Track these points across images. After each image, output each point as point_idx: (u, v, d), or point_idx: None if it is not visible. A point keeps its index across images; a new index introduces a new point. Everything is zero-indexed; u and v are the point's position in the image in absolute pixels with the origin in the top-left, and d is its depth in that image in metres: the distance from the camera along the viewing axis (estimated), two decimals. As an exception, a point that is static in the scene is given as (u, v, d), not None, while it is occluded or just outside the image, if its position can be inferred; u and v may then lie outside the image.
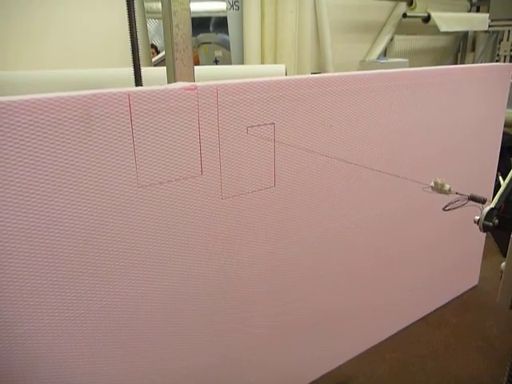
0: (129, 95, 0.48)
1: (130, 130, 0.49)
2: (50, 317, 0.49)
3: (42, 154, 0.44)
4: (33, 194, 0.45)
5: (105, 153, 0.48)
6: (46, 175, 0.45)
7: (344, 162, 0.70)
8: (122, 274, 0.53)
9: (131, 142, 0.49)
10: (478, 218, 0.50)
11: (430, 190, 0.52)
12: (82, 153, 0.46)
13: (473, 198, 0.49)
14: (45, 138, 0.44)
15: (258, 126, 0.59)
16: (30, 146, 0.43)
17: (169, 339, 0.60)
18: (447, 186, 0.51)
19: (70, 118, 0.45)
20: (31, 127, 0.43)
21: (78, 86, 0.99)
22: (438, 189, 0.51)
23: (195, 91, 0.52)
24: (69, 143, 0.45)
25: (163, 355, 0.60)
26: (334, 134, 0.68)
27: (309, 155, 0.66)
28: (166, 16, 0.65)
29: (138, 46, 0.78)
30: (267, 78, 0.58)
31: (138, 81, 0.73)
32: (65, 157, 0.46)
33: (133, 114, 0.49)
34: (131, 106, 0.48)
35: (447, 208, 0.51)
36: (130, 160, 0.50)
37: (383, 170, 0.77)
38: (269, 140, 0.60)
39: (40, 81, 0.99)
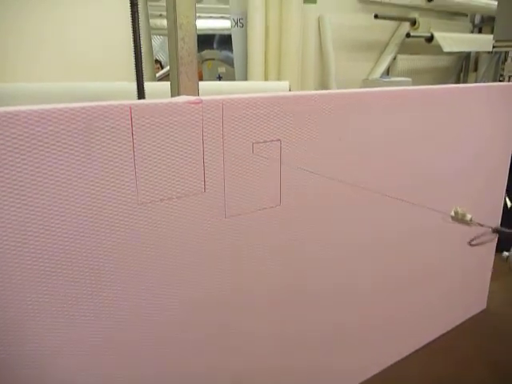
0: (131, 108, 0.45)
1: (131, 144, 0.47)
2: (47, 340, 0.46)
3: (37, 167, 0.42)
4: (27, 208, 0.42)
5: (104, 167, 0.46)
6: (43, 189, 0.43)
7: (356, 186, 0.68)
8: (118, 298, 0.50)
9: (132, 156, 0.47)
10: (507, 254, 0.47)
11: (449, 219, 0.49)
12: (79, 167, 0.44)
13: (498, 231, 0.47)
14: (41, 150, 0.42)
15: (264, 142, 0.57)
16: (25, 160, 0.41)
17: (160, 369, 0.57)
18: (469, 216, 0.48)
19: (69, 131, 0.43)
20: (27, 139, 0.41)
21: (78, 98, 0.97)
22: (459, 219, 0.48)
23: (200, 105, 0.50)
24: (66, 157, 0.43)
25: None
26: (342, 152, 0.66)
27: (316, 174, 0.63)
28: (172, 29, 0.63)
29: (141, 60, 0.77)
30: (274, 93, 0.56)
31: (141, 95, 0.71)
32: (61, 171, 0.43)
33: (134, 128, 0.46)
34: (133, 120, 0.46)
35: (473, 243, 0.48)
36: (129, 176, 0.48)
37: (390, 189, 0.75)
38: (274, 160, 0.58)
39: (40, 93, 0.98)
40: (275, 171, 0.59)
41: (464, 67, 2.54)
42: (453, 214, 0.48)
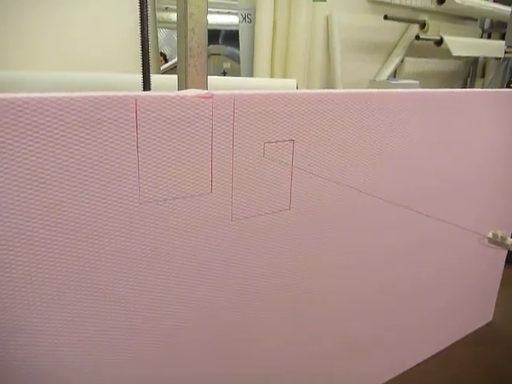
0: (136, 100, 0.42)
1: (135, 138, 0.43)
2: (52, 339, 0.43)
3: (32, 161, 0.38)
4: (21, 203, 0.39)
5: (105, 163, 0.42)
6: (38, 184, 0.39)
7: (375, 197, 0.65)
8: (118, 304, 0.47)
9: (135, 152, 0.44)
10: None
11: (486, 241, 0.45)
12: (78, 161, 0.41)
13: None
14: (37, 142, 0.38)
15: (277, 142, 0.53)
16: (18, 153, 0.38)
17: (172, 379, 0.53)
18: (510, 240, 0.44)
19: (68, 122, 0.39)
20: (22, 130, 0.37)
21: (82, 88, 0.93)
22: (498, 242, 0.44)
23: (210, 100, 0.46)
24: (65, 150, 0.40)
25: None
26: (357, 156, 0.63)
27: (329, 177, 0.60)
28: (181, 19, 0.60)
29: (148, 51, 0.73)
30: (289, 91, 0.53)
31: (147, 87, 0.68)
32: (58, 165, 0.40)
33: (139, 122, 0.43)
34: (138, 113, 0.43)
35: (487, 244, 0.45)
36: (132, 172, 0.44)
37: (401, 198, 0.72)
38: (286, 162, 0.55)
39: (42, 81, 0.94)
40: (286, 173, 0.56)
41: (471, 73, 2.51)
42: (491, 235, 0.45)
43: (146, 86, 0.67)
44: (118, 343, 0.49)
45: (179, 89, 0.63)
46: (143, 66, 0.67)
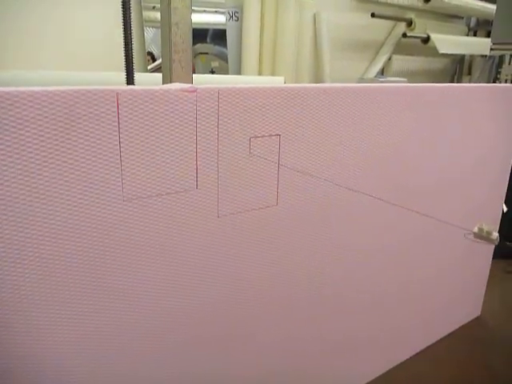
0: (117, 94, 0.41)
1: (117, 134, 0.42)
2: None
3: (3, 159, 0.37)
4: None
5: (86, 159, 0.41)
6: (14, 182, 0.38)
7: (359, 192, 0.64)
8: (102, 306, 0.46)
9: (117, 148, 0.43)
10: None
11: (471, 236, 0.45)
12: (57, 158, 0.40)
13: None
14: (14, 138, 0.37)
15: (263, 136, 0.53)
16: (1, 145, 0.36)
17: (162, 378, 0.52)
18: (495, 235, 0.44)
19: (46, 117, 0.38)
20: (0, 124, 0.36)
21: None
22: (484, 236, 0.44)
23: (194, 94, 0.45)
24: (42, 145, 0.39)
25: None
26: (344, 150, 0.62)
27: (316, 172, 0.60)
28: (165, 13, 0.59)
29: (131, 47, 0.72)
30: (277, 85, 0.52)
31: (130, 83, 0.67)
32: (36, 161, 0.39)
33: (121, 116, 0.42)
34: (119, 107, 0.42)
35: (471, 238, 0.44)
36: (114, 169, 0.43)
37: (389, 195, 0.71)
38: (273, 157, 0.54)
39: (44, 80, 0.93)
40: (273, 169, 0.55)
41: (458, 70, 2.53)
42: (476, 230, 0.44)
43: (130, 81, 0.66)
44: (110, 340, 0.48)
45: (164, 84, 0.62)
46: (126, 63, 0.66)
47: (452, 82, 2.55)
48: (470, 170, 0.88)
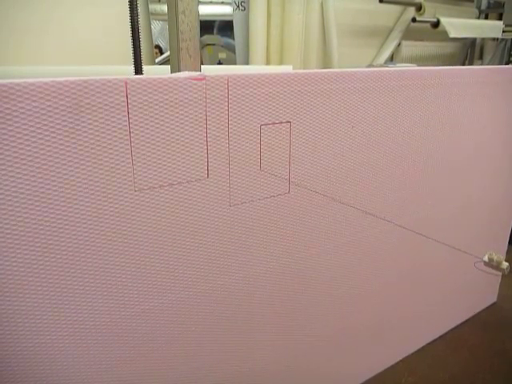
0: (126, 83, 0.41)
1: (127, 124, 0.42)
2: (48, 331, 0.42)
3: (15, 151, 0.37)
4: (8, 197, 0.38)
5: (96, 150, 0.41)
6: (25, 175, 0.38)
7: (377, 177, 0.63)
8: (117, 292, 0.46)
9: (127, 138, 0.42)
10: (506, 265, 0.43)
11: (481, 264, 0.44)
12: (68, 149, 0.39)
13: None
14: (24, 130, 0.37)
15: (273, 124, 0.52)
16: (12, 137, 0.36)
17: (170, 361, 0.53)
18: (505, 265, 0.44)
19: (56, 108, 0.38)
20: (8, 117, 0.36)
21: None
22: (493, 266, 0.44)
23: (203, 82, 0.45)
24: (53, 137, 0.38)
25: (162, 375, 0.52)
26: (357, 137, 0.62)
27: (328, 160, 0.59)
28: (172, 1, 0.58)
29: (139, 39, 0.71)
30: (285, 71, 0.51)
31: (139, 72, 0.66)
32: (47, 153, 0.39)
33: (130, 106, 0.42)
34: (129, 97, 0.41)
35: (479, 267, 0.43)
36: (125, 160, 0.43)
37: (404, 176, 0.70)
38: (284, 144, 0.54)
39: (39, 75, 0.93)
40: (284, 156, 0.54)
41: (469, 54, 2.48)
42: (486, 259, 0.44)
43: (138, 71, 0.65)
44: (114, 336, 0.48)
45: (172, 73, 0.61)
46: (134, 53, 0.66)
47: (463, 66, 2.51)
48: (478, 154, 0.86)
